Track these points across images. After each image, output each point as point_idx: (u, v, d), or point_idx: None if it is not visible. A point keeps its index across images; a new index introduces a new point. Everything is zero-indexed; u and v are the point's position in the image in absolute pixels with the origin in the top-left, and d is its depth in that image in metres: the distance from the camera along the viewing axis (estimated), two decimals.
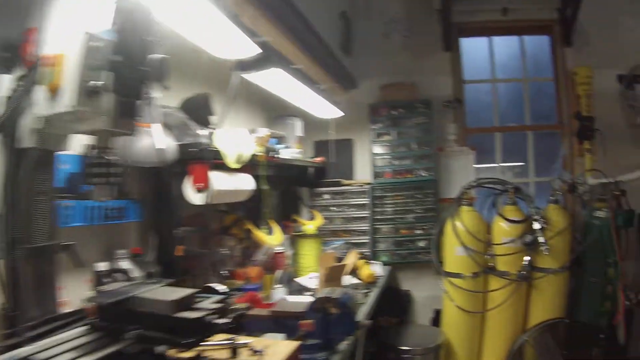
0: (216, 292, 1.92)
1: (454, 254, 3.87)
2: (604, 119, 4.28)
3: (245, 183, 2.62)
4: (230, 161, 2.39)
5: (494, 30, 4.84)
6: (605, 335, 3.72)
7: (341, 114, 4.15)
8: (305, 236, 3.83)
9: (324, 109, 3.99)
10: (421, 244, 4.45)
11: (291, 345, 1.82)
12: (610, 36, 4.43)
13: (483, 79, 4.91)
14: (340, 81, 3.93)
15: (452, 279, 3.88)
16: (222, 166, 2.45)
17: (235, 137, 2.48)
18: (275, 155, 3.07)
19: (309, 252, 3.74)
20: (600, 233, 3.71)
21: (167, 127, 2.32)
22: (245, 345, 1.78)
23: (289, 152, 3.65)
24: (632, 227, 3.84)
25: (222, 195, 2.41)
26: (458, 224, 3.83)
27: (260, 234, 2.99)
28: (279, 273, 3.34)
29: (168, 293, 1.45)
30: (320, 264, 3.12)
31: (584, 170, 4.21)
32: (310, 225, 3.89)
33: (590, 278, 3.80)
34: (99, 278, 2.07)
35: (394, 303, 4.49)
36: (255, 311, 2.28)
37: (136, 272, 2.22)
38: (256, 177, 2.91)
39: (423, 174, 4.46)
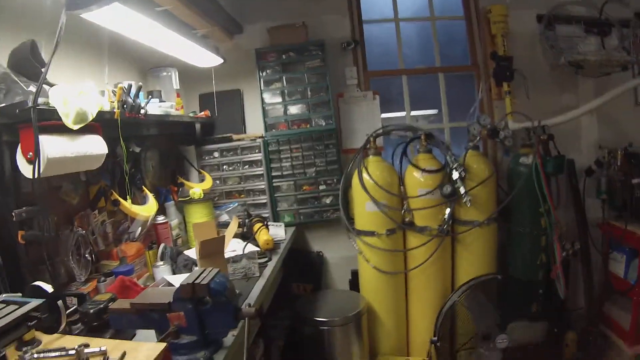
0: (43, 293, 1.47)
1: (365, 210, 3.56)
2: (524, 60, 4.06)
3: (94, 147, 2.13)
4: (70, 122, 1.89)
5: None
6: (543, 289, 3.60)
7: (221, 61, 3.69)
8: (193, 201, 3.40)
9: (205, 58, 3.52)
10: (327, 200, 4.11)
11: (156, 348, 1.44)
12: None
13: (385, 18, 4.49)
14: (220, 25, 3.47)
15: (365, 238, 3.58)
16: (63, 129, 1.95)
17: (76, 92, 1.97)
18: (141, 112, 2.57)
19: (199, 219, 3.31)
20: (528, 181, 3.47)
21: None
22: (100, 353, 1.41)
23: (160, 107, 3.15)
24: (562, 173, 3.66)
25: (60, 165, 1.91)
26: (365, 176, 3.51)
27: (128, 205, 2.52)
28: (162, 247, 2.93)
29: None
30: (195, 237, 2.70)
31: (504, 115, 3.93)
32: (197, 188, 3.45)
33: (521, 229, 3.63)
34: None
35: (305, 268, 4.21)
36: (117, 304, 1.85)
37: None
38: (118, 139, 2.44)
39: (322, 123, 4.04)
